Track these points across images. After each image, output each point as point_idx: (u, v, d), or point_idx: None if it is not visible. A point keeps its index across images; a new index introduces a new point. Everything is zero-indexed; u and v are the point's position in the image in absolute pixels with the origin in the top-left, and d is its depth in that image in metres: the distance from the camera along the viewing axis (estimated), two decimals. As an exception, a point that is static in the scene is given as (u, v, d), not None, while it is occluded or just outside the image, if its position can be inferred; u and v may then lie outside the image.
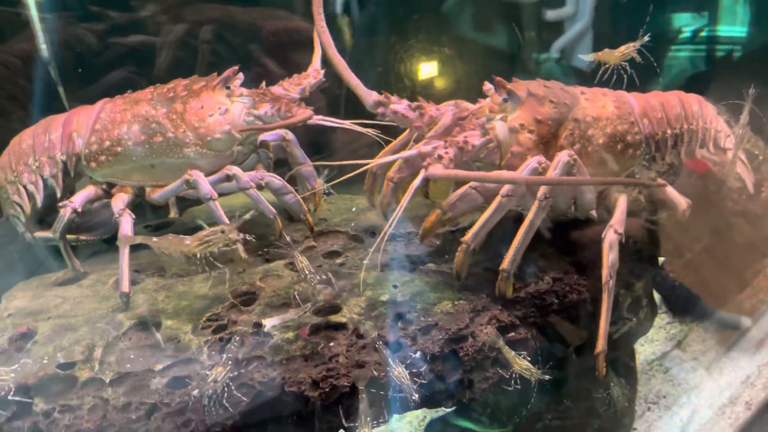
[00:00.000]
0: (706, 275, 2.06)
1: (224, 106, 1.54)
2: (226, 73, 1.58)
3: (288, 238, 1.44)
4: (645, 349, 2.02)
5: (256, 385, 1.20)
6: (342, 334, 1.29)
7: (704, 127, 1.67)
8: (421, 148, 1.39)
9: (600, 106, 1.52)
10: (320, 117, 1.55)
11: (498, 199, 1.35)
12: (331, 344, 1.27)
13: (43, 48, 2.50)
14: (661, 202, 1.64)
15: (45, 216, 1.67)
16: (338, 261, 1.49)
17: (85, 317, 1.35)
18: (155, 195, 1.56)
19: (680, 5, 2.49)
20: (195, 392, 1.19)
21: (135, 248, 1.58)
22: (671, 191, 1.59)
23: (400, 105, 1.47)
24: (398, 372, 1.23)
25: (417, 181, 1.33)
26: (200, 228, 1.37)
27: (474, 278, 1.40)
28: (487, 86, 1.54)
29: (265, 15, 2.27)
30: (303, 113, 1.50)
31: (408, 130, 1.57)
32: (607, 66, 1.76)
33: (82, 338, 1.29)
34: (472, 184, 1.38)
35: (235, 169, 1.50)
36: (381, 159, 1.50)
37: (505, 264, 1.35)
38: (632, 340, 1.71)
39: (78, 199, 1.52)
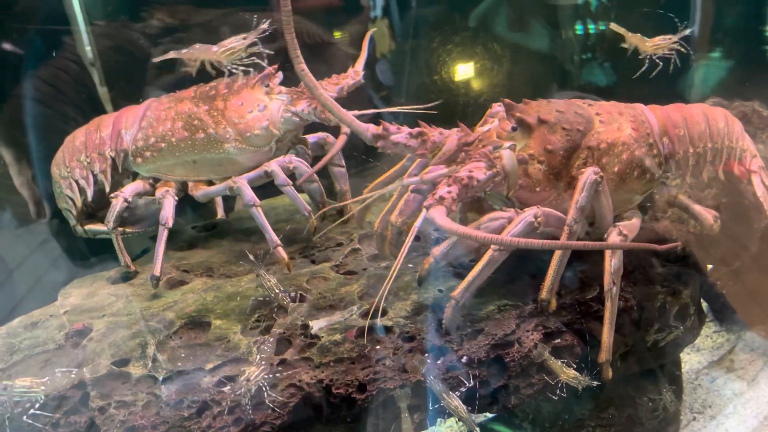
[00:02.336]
0: (754, 284, 2.01)
1: (263, 103, 1.59)
2: (265, 72, 1.62)
3: (251, 256, 1.43)
4: (691, 357, 1.98)
5: (304, 387, 1.22)
6: (388, 337, 1.30)
7: (729, 145, 1.57)
8: (424, 176, 1.33)
9: (615, 129, 1.42)
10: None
11: (489, 253, 1.29)
12: (378, 347, 1.28)
13: (88, 50, 2.57)
14: (691, 215, 1.58)
15: (95, 211, 1.75)
16: (383, 264, 1.50)
17: (138, 315, 1.39)
18: (198, 192, 1.60)
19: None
20: (240, 391, 1.21)
21: (185, 248, 1.62)
22: (696, 207, 1.53)
23: (400, 135, 1.36)
24: (455, 405, 1.23)
25: (418, 223, 1.27)
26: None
27: (520, 283, 1.39)
28: (495, 108, 1.47)
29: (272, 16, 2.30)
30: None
31: (405, 158, 1.50)
32: (641, 56, 1.67)
33: (135, 336, 1.33)
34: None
35: (273, 166, 1.53)
36: (382, 188, 1.43)
37: (543, 294, 1.32)
38: (678, 349, 1.68)
39: (128, 190, 1.59)
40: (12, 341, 1.36)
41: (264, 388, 1.20)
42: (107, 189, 1.64)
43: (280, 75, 1.65)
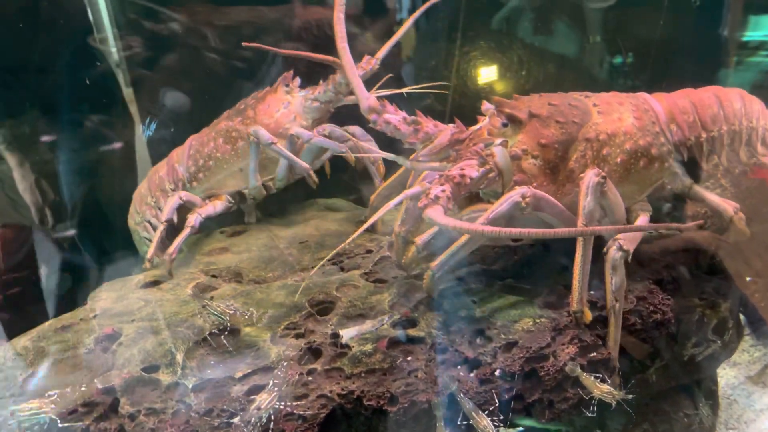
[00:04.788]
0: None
1: (287, 100, 1.77)
2: (283, 76, 1.81)
3: (189, 291, 1.44)
4: (727, 372, 1.93)
5: (335, 398, 1.20)
6: (420, 348, 1.27)
7: (749, 125, 1.49)
8: (424, 184, 1.30)
9: (616, 119, 1.37)
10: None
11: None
12: (409, 358, 1.25)
13: (114, 52, 2.59)
14: (708, 207, 1.50)
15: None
16: (414, 273, 1.47)
17: (167, 321, 1.38)
18: (251, 189, 1.71)
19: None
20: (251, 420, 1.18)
21: (213, 253, 1.62)
22: (713, 197, 1.44)
23: (395, 116, 1.35)
24: (484, 425, 1.20)
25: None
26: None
27: (556, 296, 1.36)
28: (486, 106, 1.43)
29: (294, 12, 2.29)
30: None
31: (403, 168, 1.49)
32: None
33: (164, 342, 1.32)
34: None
35: (294, 129, 1.69)
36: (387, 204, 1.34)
37: (573, 305, 1.28)
38: (716, 363, 1.63)
39: (205, 212, 1.71)
40: (42, 345, 1.36)
41: (276, 417, 1.17)
42: (175, 219, 1.72)
43: (298, 79, 1.82)
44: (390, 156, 1.37)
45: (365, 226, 1.27)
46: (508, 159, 1.33)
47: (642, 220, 1.39)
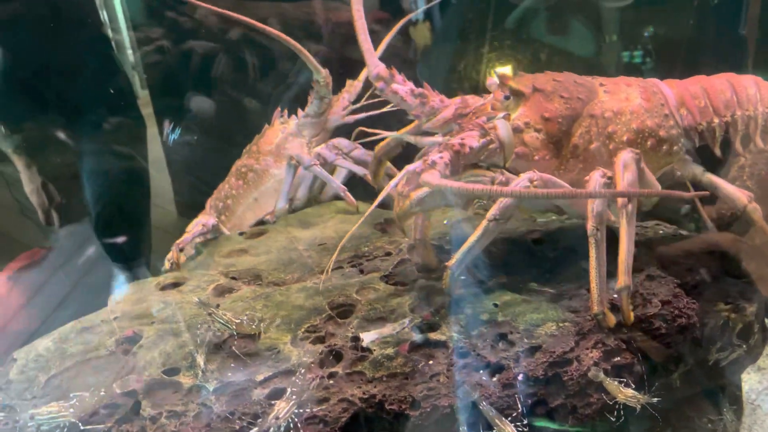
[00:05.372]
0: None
1: (283, 128, 1.92)
2: (276, 112, 1.97)
3: (196, 298, 1.43)
4: (751, 377, 1.89)
5: (356, 402, 1.19)
6: (441, 352, 1.26)
7: (765, 111, 1.47)
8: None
9: (623, 99, 1.37)
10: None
11: (484, 223, 1.25)
12: (431, 363, 1.24)
13: (129, 54, 2.60)
14: (721, 195, 1.46)
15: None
16: (433, 276, 1.46)
17: (187, 323, 1.38)
18: (278, 211, 1.80)
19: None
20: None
21: (233, 254, 1.61)
22: (726, 185, 1.41)
23: (403, 87, 1.33)
24: (508, 431, 1.19)
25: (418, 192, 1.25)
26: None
27: (579, 299, 1.34)
28: (490, 81, 1.42)
29: (318, 9, 2.29)
30: None
31: (412, 124, 1.45)
32: None
33: (184, 344, 1.32)
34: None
35: (294, 152, 1.80)
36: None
37: (594, 308, 1.27)
38: (741, 368, 1.61)
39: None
40: (64, 346, 1.36)
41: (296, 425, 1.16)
42: None
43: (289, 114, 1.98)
44: (393, 134, 1.37)
45: (375, 203, 1.28)
46: (510, 132, 1.33)
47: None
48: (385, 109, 1.84)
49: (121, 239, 2.12)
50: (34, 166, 2.21)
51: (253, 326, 1.32)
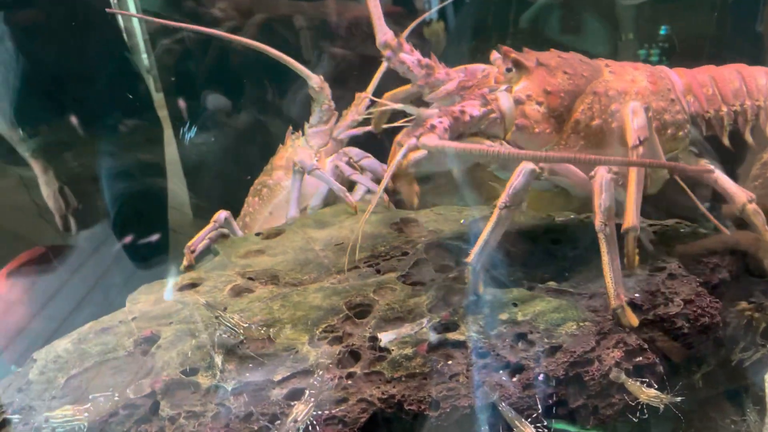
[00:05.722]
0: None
1: (293, 143, 1.97)
2: (287, 132, 2.01)
3: (203, 301, 1.41)
4: (774, 377, 1.86)
5: (375, 402, 1.18)
6: (461, 352, 1.25)
7: None
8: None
9: (628, 80, 1.36)
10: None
11: (496, 212, 1.25)
12: (450, 363, 1.23)
13: (144, 58, 2.61)
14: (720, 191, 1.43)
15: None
16: (451, 275, 1.45)
17: (205, 323, 1.38)
18: (288, 221, 1.81)
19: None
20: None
21: (249, 255, 1.61)
22: (725, 181, 1.39)
23: (410, 57, 1.32)
24: None
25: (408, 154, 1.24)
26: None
27: (599, 299, 1.33)
28: (494, 55, 1.42)
29: (336, 8, 2.29)
30: None
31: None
32: None
33: (202, 344, 1.32)
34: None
35: (298, 158, 1.82)
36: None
37: (612, 302, 1.26)
38: (764, 369, 1.58)
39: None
40: (83, 347, 1.37)
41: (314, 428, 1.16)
42: None
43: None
44: (398, 106, 1.37)
45: (383, 183, 1.28)
46: (511, 103, 1.33)
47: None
48: (397, 123, 1.82)
49: (138, 240, 2.13)
50: (51, 170, 2.24)
51: (262, 331, 1.31)
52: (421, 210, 1.73)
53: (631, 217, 1.26)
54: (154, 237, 2.21)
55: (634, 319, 1.27)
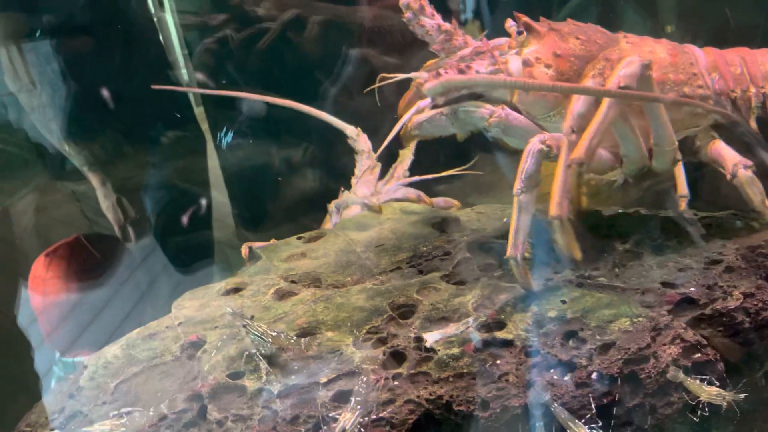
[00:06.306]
0: None
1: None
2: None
3: (229, 310, 1.37)
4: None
5: (423, 403, 1.16)
6: (509, 351, 1.22)
7: None
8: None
9: (646, 51, 1.31)
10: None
11: (515, 201, 1.23)
12: (499, 362, 1.20)
13: (184, 72, 2.66)
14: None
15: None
16: (496, 274, 1.42)
17: (261, 328, 1.37)
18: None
19: None
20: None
21: (292, 259, 1.61)
22: (722, 147, 1.34)
23: (430, 20, 1.35)
24: None
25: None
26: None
27: (652, 294, 1.28)
28: (510, 23, 1.41)
29: (372, 14, 2.29)
30: None
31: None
32: None
33: (247, 348, 1.31)
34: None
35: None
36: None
37: (508, 252, 1.24)
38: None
39: None
40: (131, 353, 1.38)
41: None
42: None
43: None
44: (406, 75, 1.38)
45: (390, 136, 1.31)
46: (520, 66, 1.32)
47: (720, 146, 1.32)
48: (437, 175, 1.83)
49: (184, 249, 2.17)
50: (108, 182, 2.29)
51: (292, 340, 1.29)
52: (463, 209, 1.71)
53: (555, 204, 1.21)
54: (200, 245, 2.24)
55: (526, 276, 1.26)
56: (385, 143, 1.32)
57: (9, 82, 2.17)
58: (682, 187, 1.48)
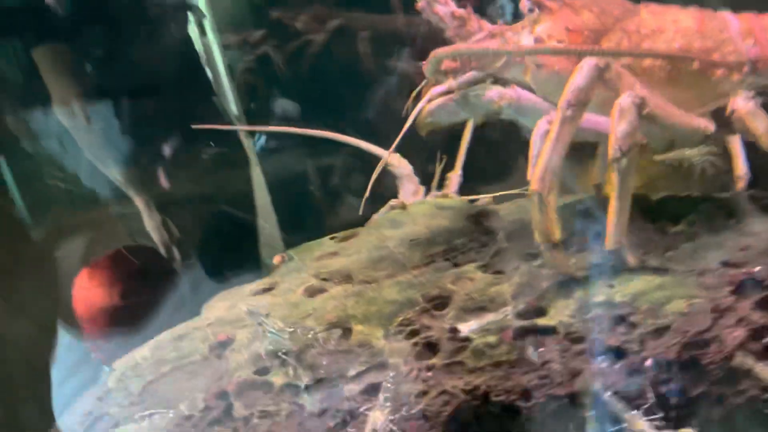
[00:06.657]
0: None
1: None
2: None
3: (244, 308, 1.36)
4: None
5: (458, 394, 1.07)
6: (552, 338, 1.12)
7: None
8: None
9: (669, 20, 1.24)
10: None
11: (559, 114, 1.12)
12: (541, 349, 1.10)
13: (233, 107, 2.71)
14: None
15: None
16: (536, 263, 1.33)
17: (278, 325, 1.33)
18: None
19: None
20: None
21: (323, 257, 1.57)
22: (753, 111, 1.22)
23: (444, 8, 1.32)
24: (640, 429, 1.02)
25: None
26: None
27: (711, 275, 1.16)
28: (524, 3, 1.35)
29: (408, 23, 2.27)
30: None
31: None
32: None
33: (275, 344, 1.26)
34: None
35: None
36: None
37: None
38: None
39: None
40: (160, 354, 1.35)
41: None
42: None
43: None
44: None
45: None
46: (531, 43, 1.28)
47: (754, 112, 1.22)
48: (489, 195, 1.75)
49: (231, 265, 2.17)
50: (152, 204, 2.33)
51: (309, 336, 1.24)
52: (500, 203, 1.63)
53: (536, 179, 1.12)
54: (246, 262, 2.25)
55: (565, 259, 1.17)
56: (401, 135, 1.30)
57: (62, 117, 2.25)
58: (740, 167, 1.39)
